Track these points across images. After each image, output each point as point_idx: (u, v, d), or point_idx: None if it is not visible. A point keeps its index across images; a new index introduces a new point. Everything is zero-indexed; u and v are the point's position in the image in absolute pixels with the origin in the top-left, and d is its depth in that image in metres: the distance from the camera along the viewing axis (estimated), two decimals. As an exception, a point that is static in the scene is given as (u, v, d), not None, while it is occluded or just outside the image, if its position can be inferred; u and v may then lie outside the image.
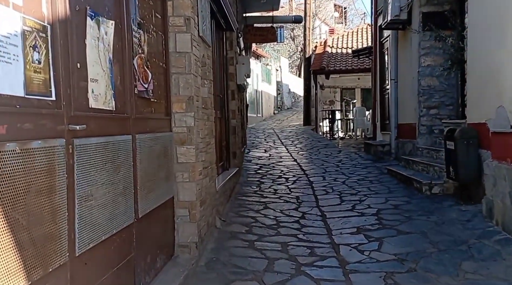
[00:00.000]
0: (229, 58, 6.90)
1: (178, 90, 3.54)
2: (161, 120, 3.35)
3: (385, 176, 7.13)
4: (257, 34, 10.71)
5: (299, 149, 11.52)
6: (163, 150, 3.26)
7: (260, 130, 16.75)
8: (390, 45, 8.52)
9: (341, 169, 8.12)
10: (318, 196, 6.09)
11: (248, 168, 8.45)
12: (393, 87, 8.43)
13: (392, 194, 5.88)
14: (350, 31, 18.60)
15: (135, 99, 2.71)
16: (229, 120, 6.86)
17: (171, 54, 3.52)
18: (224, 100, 6.43)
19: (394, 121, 8.46)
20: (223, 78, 6.42)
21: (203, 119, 4.01)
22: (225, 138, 6.51)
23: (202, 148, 3.90)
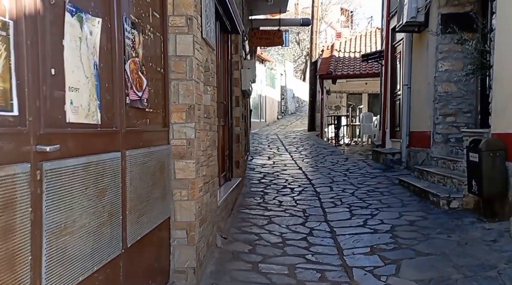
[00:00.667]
0: (234, 63, 6.56)
1: (177, 99, 3.19)
2: (158, 132, 3.00)
3: (396, 187, 6.75)
4: (263, 38, 10.37)
5: (304, 156, 11.15)
6: (159, 166, 2.91)
7: (264, 136, 16.40)
8: (404, 49, 8.16)
9: (349, 178, 7.75)
10: (326, 209, 5.72)
11: (251, 176, 8.09)
12: (406, 93, 8.06)
13: (406, 207, 5.50)
14: (358, 35, 18.25)
15: (126, 110, 2.36)
16: (232, 128, 6.51)
17: (170, 58, 3.17)
18: (228, 107, 6.09)
19: (405, 128, 8.08)
20: (227, 84, 6.08)
21: (205, 129, 3.66)
22: (228, 147, 6.16)
23: (203, 162, 3.54)
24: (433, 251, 3.95)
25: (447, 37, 6.53)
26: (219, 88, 5.38)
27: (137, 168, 2.47)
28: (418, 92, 7.60)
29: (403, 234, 4.46)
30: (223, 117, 5.98)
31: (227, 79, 6.07)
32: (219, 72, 5.39)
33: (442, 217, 4.93)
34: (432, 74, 6.80)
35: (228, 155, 6.15)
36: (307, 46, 37.53)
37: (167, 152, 3.11)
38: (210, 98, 3.94)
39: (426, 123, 7.05)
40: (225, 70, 6.03)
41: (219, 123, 5.42)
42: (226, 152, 6.03)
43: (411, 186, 6.27)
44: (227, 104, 6.08)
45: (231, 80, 6.42)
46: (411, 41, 7.95)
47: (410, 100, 8.01)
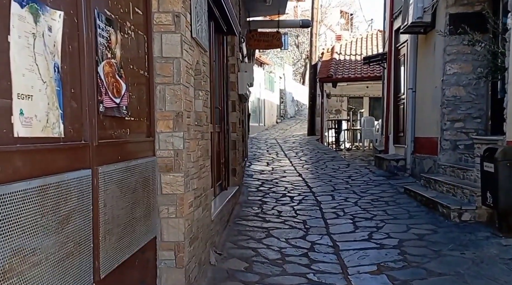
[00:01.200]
0: (230, 65, 6.24)
1: (163, 105, 2.86)
2: (141, 143, 2.67)
3: (402, 196, 6.41)
4: (261, 40, 10.05)
5: (303, 161, 10.83)
6: (142, 181, 2.58)
7: (262, 140, 16.08)
8: (409, 51, 7.85)
9: (351, 186, 7.41)
10: (328, 220, 5.39)
11: (249, 184, 7.75)
12: (411, 97, 7.75)
13: (413, 219, 5.16)
14: (359, 37, 17.95)
15: (99, 119, 2.04)
16: (229, 134, 6.19)
17: (155, 60, 2.84)
18: (223, 113, 5.76)
19: (410, 134, 7.76)
20: (222, 88, 5.76)
21: (196, 138, 3.33)
22: (224, 155, 5.83)
23: (194, 174, 3.21)
24: (446, 271, 3.62)
25: (455, 39, 6.21)
26: (214, 93, 5.06)
27: (113, 185, 2.14)
28: (424, 96, 7.29)
29: (412, 250, 4.13)
30: (219, 123, 5.66)
31: (222, 83, 5.75)
32: (213, 76, 5.07)
33: (454, 230, 4.59)
34: (439, 78, 6.48)
35: (224, 162, 5.82)
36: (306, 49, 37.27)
37: (152, 164, 2.78)
38: (202, 104, 3.61)
39: (433, 129, 6.73)
40: (221, 73, 5.71)
41: (214, 129, 5.10)
42: (222, 159, 5.70)
43: (418, 195, 5.93)
44: (223, 109, 5.75)
45: (227, 84, 6.10)
46: (416, 43, 7.64)
47: (415, 105, 7.69)
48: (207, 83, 3.88)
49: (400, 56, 9.08)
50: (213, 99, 5.05)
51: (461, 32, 5.34)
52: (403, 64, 8.78)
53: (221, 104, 5.69)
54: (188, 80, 3.06)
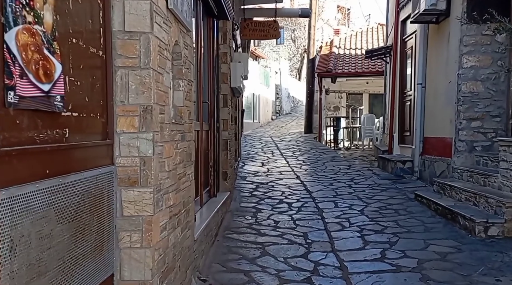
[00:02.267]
0: (222, 54, 5.51)
1: (126, 96, 2.14)
2: (91, 148, 1.95)
3: (413, 203, 5.73)
4: (256, 29, 9.31)
5: (301, 162, 10.13)
6: (91, 201, 1.86)
7: (257, 138, 15.37)
8: (418, 43, 7.15)
9: (355, 191, 6.72)
10: (332, 233, 4.69)
11: (242, 188, 7.04)
12: (420, 93, 7.06)
13: (431, 233, 4.48)
14: (359, 31, 17.24)
15: (5, 114, 1.31)
16: (219, 133, 5.46)
17: (115, 35, 2.12)
18: (213, 108, 5.04)
19: (419, 133, 7.08)
20: (212, 80, 5.03)
21: (174, 140, 2.61)
22: (214, 157, 5.11)
23: (170, 186, 2.49)
24: (482, 305, 2.94)
25: (473, 28, 5.53)
26: (201, 85, 4.34)
27: (32, 216, 1.42)
28: (435, 93, 6.60)
29: (436, 275, 3.44)
30: (207, 121, 4.94)
31: (212, 74, 5.02)
32: (201, 64, 4.35)
33: (481, 248, 3.91)
34: (454, 72, 5.79)
35: (213, 165, 5.10)
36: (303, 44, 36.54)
37: (109, 177, 2.06)
38: (183, 96, 2.89)
39: (446, 128, 6.05)
40: (210, 63, 4.98)
41: (201, 128, 4.38)
42: (211, 162, 4.98)
43: (432, 203, 5.25)
44: (213, 104, 5.03)
45: (218, 76, 5.37)
46: (426, 34, 6.95)
47: (424, 102, 7.01)
48: (191, 72, 3.15)
49: (407, 49, 8.39)
50: (201, 92, 4.33)
51: (486, 19, 4.65)
52: (411, 58, 8.10)
53: (210, 98, 4.96)
54: (162, 64, 2.33)
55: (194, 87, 4.12)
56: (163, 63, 2.34)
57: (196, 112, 4.29)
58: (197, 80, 4.25)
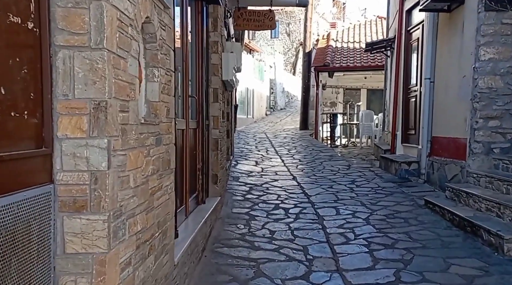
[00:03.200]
0: (212, 43, 4.89)
1: (70, 88, 1.54)
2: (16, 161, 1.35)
3: (423, 211, 5.18)
4: (251, 19, 8.68)
5: (297, 160, 9.56)
6: (15, 235, 1.26)
7: (251, 134, 14.79)
8: (426, 34, 6.57)
9: (357, 195, 6.16)
10: (335, 247, 4.12)
11: (234, 190, 6.46)
12: (428, 88, 6.50)
13: (450, 250, 3.92)
14: (357, 24, 16.67)
15: None
16: (209, 131, 4.87)
17: (54, 2, 1.52)
18: (201, 104, 4.43)
19: (426, 133, 6.53)
20: (201, 71, 4.42)
21: (144, 146, 2.01)
22: (202, 158, 4.51)
23: (137, 207, 1.90)
24: None
25: (492, 16, 4.97)
26: (187, 76, 3.73)
27: None
28: (445, 88, 6.05)
29: (463, 305, 2.89)
30: (195, 117, 4.34)
31: (201, 65, 4.41)
32: (186, 52, 3.74)
33: (511, 270, 3.37)
34: (469, 65, 5.23)
35: (202, 168, 4.50)
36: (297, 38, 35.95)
37: (45, 200, 1.47)
38: (159, 89, 2.29)
39: (459, 127, 5.50)
40: (199, 52, 4.37)
41: (187, 126, 3.78)
42: (199, 164, 4.38)
43: (446, 212, 4.70)
44: (201, 99, 4.42)
45: (207, 67, 4.76)
46: (436, 24, 6.37)
47: (433, 98, 6.46)
48: (171, 59, 2.55)
49: (412, 41, 7.83)
50: (186, 85, 3.73)
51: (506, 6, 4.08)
52: (417, 50, 7.53)
53: (198, 92, 4.36)
54: (125, 45, 1.73)
55: (179, 79, 3.53)
56: (125, 43, 1.74)
57: (181, 109, 3.70)
58: (182, 71, 3.66)
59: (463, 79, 5.40)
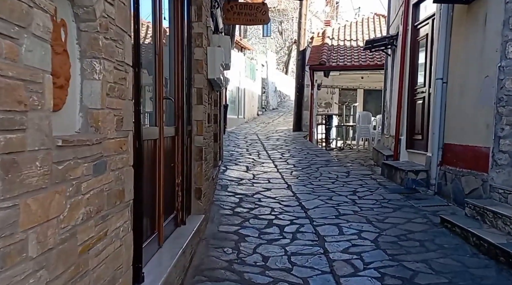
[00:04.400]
0: (196, 36, 4.14)
1: None
2: None
3: (440, 230, 4.49)
4: (242, 13, 7.97)
5: (292, 166, 8.85)
6: None
7: (241, 135, 14.06)
8: (439, 29, 5.88)
9: (361, 209, 5.45)
10: (342, 281, 3.41)
11: (222, 202, 5.72)
12: (439, 89, 5.82)
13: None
14: (354, 21, 16.01)
15: None
16: (191, 138, 4.12)
17: None
18: (181, 106, 3.68)
19: (437, 139, 5.85)
20: (180, 68, 3.67)
21: (65, 181, 1.27)
22: (183, 171, 3.76)
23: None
24: None
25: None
26: (160, 74, 2.98)
27: None
28: (462, 89, 5.37)
29: None
30: (174, 123, 3.60)
31: (180, 61, 3.66)
32: (160, 45, 2.99)
33: None
34: (493, 63, 4.56)
35: (182, 183, 3.75)
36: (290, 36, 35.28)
37: None
38: (102, 90, 1.56)
39: (479, 134, 4.83)
40: (178, 45, 3.62)
41: (162, 134, 3.04)
42: (178, 178, 3.64)
43: (470, 235, 4.01)
44: (181, 101, 3.67)
45: (189, 63, 4.01)
46: (451, 18, 5.69)
47: (445, 100, 5.78)
48: (124, 48, 1.80)
49: (420, 38, 7.16)
50: (160, 85, 2.98)
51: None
52: (425, 48, 6.86)
53: (177, 93, 3.61)
54: (13, 14, 0.98)
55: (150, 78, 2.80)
56: (14, 12, 0.99)
57: (154, 114, 2.96)
58: (154, 67, 2.92)
59: (485, 80, 4.72)
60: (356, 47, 13.81)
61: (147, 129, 2.71)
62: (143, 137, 2.38)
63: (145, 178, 2.59)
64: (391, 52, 9.93)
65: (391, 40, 9.37)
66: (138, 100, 2.27)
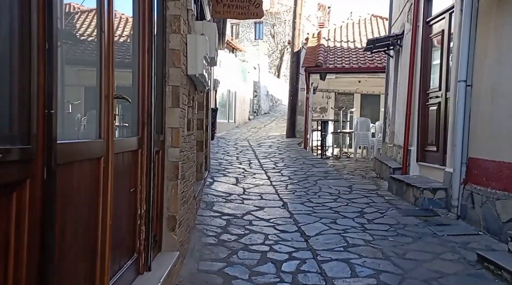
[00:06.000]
0: (172, 19, 3.19)
1: None
2: None
3: (480, 273, 3.54)
4: (233, 6, 7.07)
5: (286, 178, 7.93)
6: None
7: (232, 141, 13.13)
8: (459, 23, 5.03)
9: (373, 238, 4.49)
10: None
11: (205, 225, 4.75)
12: (463, 94, 4.95)
13: None
14: (350, 23, 15.22)
15: None
16: (164, 152, 3.16)
17: None
18: (148, 110, 2.71)
19: (459, 152, 4.97)
20: (147, 59, 2.69)
21: None
22: (148, 197, 2.78)
23: None
24: None
25: None
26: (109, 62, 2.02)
27: None
28: (492, 94, 4.51)
29: None
30: (137, 133, 2.64)
31: (147, 49, 2.69)
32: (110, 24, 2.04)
33: None
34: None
35: (147, 213, 2.78)
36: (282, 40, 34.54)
37: None
38: None
39: (520, 149, 3.95)
40: (145, 29, 2.66)
41: (110, 150, 2.08)
42: (141, 208, 2.67)
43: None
44: (147, 102, 2.70)
45: (162, 53, 3.07)
46: (476, 9, 4.84)
47: (470, 106, 4.92)
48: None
49: (434, 35, 6.32)
50: (109, 78, 2.03)
51: None
52: (441, 46, 6.03)
53: (142, 92, 2.65)
54: None
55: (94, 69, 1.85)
56: None
57: (97, 120, 2.00)
58: (100, 50, 1.97)
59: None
60: (354, 48, 13.00)
61: (78, 145, 1.76)
62: (59, 159, 1.42)
63: (69, 221, 1.64)
64: (394, 53, 9.11)
65: (395, 40, 8.54)
66: (50, 98, 1.33)
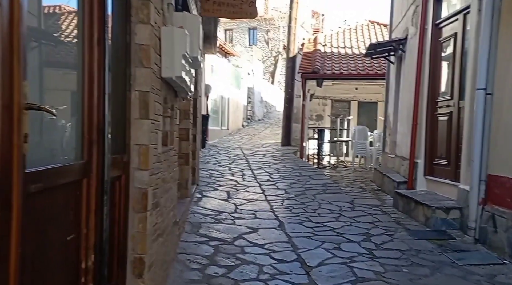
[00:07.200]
0: (138, 4, 2.54)
1: None
2: None
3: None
4: (224, 4, 6.49)
5: (282, 192, 7.30)
6: None
7: (224, 150, 12.50)
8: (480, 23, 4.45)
9: (385, 269, 3.83)
10: None
11: (188, 255, 4.09)
12: (481, 103, 4.37)
13: None
14: (347, 29, 14.74)
15: None
16: (127, 179, 2.51)
17: None
18: (99, 124, 2.06)
19: (478, 168, 4.38)
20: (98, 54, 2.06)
21: None
22: (99, 242, 2.12)
23: None
24: None
25: None
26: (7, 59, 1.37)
27: None
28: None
29: None
30: (83, 156, 1.99)
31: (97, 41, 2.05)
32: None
33: None
34: None
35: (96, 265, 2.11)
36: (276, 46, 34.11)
37: None
38: None
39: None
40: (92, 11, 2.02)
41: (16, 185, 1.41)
42: (88, 260, 2.01)
43: None
44: (98, 114, 2.06)
45: (125, 49, 2.44)
46: (498, 9, 4.27)
47: (490, 117, 4.33)
48: None
49: (444, 39, 5.76)
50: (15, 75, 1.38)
51: None
52: (453, 50, 5.46)
53: (89, 100, 2.01)
54: None
55: None
56: None
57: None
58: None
59: None
60: (351, 54, 12.48)
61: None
62: None
63: None
64: (395, 59, 8.57)
65: (397, 45, 7.99)
66: None
